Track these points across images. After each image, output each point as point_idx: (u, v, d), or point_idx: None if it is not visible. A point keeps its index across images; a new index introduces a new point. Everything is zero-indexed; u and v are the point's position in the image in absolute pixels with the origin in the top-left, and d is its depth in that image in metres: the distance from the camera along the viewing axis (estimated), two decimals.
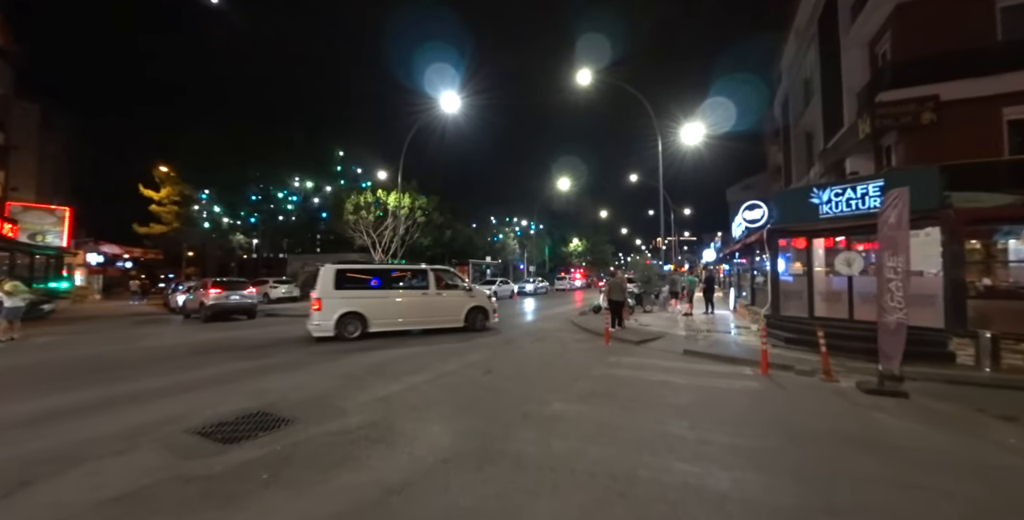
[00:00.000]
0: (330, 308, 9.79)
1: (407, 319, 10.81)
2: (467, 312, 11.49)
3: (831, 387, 5.81)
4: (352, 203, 23.78)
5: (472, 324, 11.52)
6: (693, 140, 16.63)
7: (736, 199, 60.01)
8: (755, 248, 11.79)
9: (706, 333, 10.45)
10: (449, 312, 11.34)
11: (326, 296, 9.83)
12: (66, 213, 34.29)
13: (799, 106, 22.40)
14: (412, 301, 10.90)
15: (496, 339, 10.39)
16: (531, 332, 11.71)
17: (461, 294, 11.62)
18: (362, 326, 10.16)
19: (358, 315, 10.09)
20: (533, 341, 10.15)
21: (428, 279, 11.18)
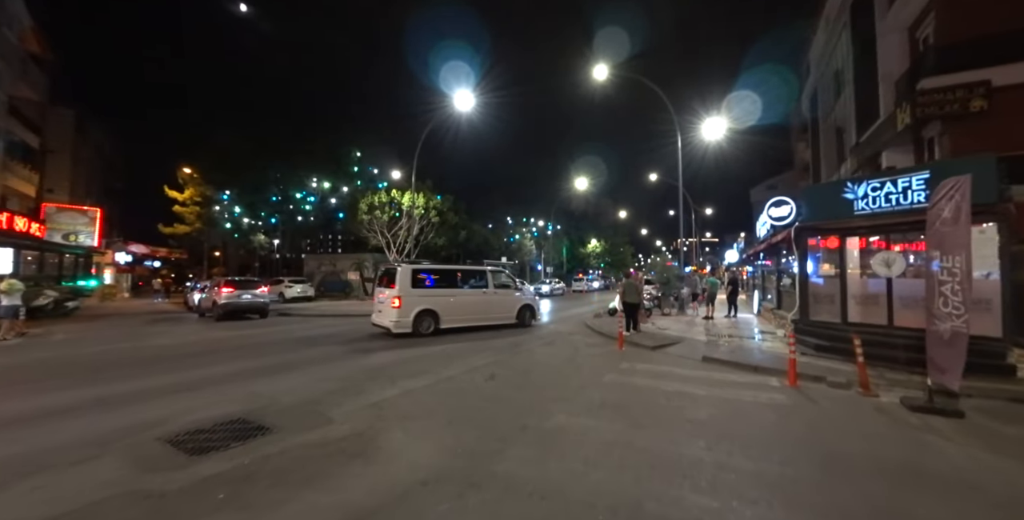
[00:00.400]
0: (408, 306, 10.25)
1: (471, 316, 11.41)
2: (519, 309, 12.41)
3: (870, 403, 5.17)
4: (366, 203, 23.77)
5: (522, 320, 12.41)
6: (715, 135, 15.87)
7: (760, 199, 58.14)
8: (781, 248, 11.05)
9: (728, 338, 9.79)
10: (504, 309, 12.15)
11: (405, 294, 10.26)
12: (97, 214, 35.51)
13: (829, 99, 21.28)
14: (475, 299, 11.57)
15: (503, 342, 9.97)
16: (542, 335, 11.24)
17: (513, 292, 12.50)
18: (435, 323, 10.70)
19: (432, 312, 10.61)
20: (543, 345, 9.69)
21: (487, 279, 11.93)
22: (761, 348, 8.55)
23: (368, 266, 27.29)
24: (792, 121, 34.63)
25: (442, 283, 11.01)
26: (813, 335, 8.16)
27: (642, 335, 10.17)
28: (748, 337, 10.01)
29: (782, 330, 10.11)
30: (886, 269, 7.02)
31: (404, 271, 10.45)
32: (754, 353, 8.02)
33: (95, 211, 35.73)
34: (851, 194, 7.82)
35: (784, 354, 7.61)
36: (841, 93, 19.05)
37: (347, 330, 12.29)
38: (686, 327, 11.97)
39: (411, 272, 10.51)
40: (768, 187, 57.41)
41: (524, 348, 9.19)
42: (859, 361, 5.53)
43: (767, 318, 13.34)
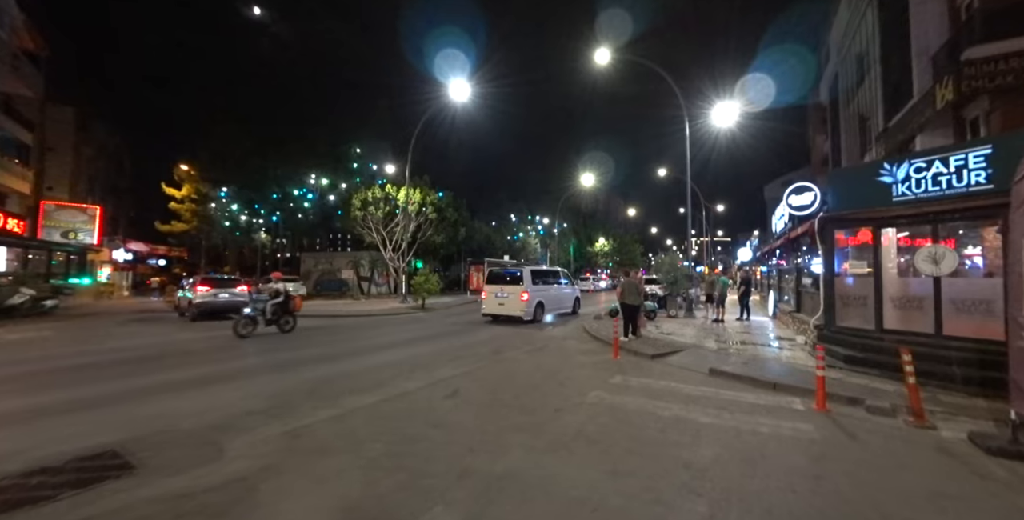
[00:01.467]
0: (531, 299, 12.72)
1: (555, 306, 14.35)
2: (573, 301, 15.76)
3: (928, 439, 3.99)
4: (359, 199, 22.88)
5: (575, 310, 15.69)
6: (728, 122, 14.61)
7: (775, 196, 56.18)
8: (802, 243, 9.80)
9: (740, 346, 8.58)
10: (567, 302, 15.30)
11: (530, 290, 12.75)
12: (97, 212, 35.26)
13: (851, 85, 19.80)
14: (558, 293, 14.66)
15: (486, 348, 8.91)
16: (531, 339, 10.15)
17: (570, 288, 15.93)
18: (542, 311, 13.24)
19: (541, 303, 13.13)
20: (530, 351, 8.60)
21: (560, 277, 15.31)
22: (779, 358, 7.34)
23: (365, 264, 26.46)
24: (809, 112, 32.94)
25: (542, 281, 13.78)
26: (841, 344, 6.94)
27: (642, 341, 9.02)
28: (763, 344, 8.79)
29: (803, 336, 8.87)
30: (932, 266, 5.80)
31: (527, 271, 13.06)
32: (771, 365, 6.82)
33: (95, 209, 35.46)
34: (889, 177, 6.59)
35: (807, 367, 6.41)
36: (865, 77, 17.58)
37: (320, 333, 11.36)
38: (693, 332, 10.76)
39: (531, 272, 13.20)
40: (783, 183, 55.44)
41: (506, 355, 8.11)
42: (909, 382, 4.33)
43: (784, 322, 12.05)
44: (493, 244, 33.25)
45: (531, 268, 13.39)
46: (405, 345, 9.40)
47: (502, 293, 12.86)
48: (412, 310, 17.89)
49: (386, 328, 12.44)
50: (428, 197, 24.66)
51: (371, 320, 14.69)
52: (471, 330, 12.01)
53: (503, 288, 12.90)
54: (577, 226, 55.11)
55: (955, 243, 6.61)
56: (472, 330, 12.02)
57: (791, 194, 8.79)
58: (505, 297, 12.82)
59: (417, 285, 18.19)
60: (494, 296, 13.05)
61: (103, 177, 41.47)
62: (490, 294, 13.18)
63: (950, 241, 6.58)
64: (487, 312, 13.24)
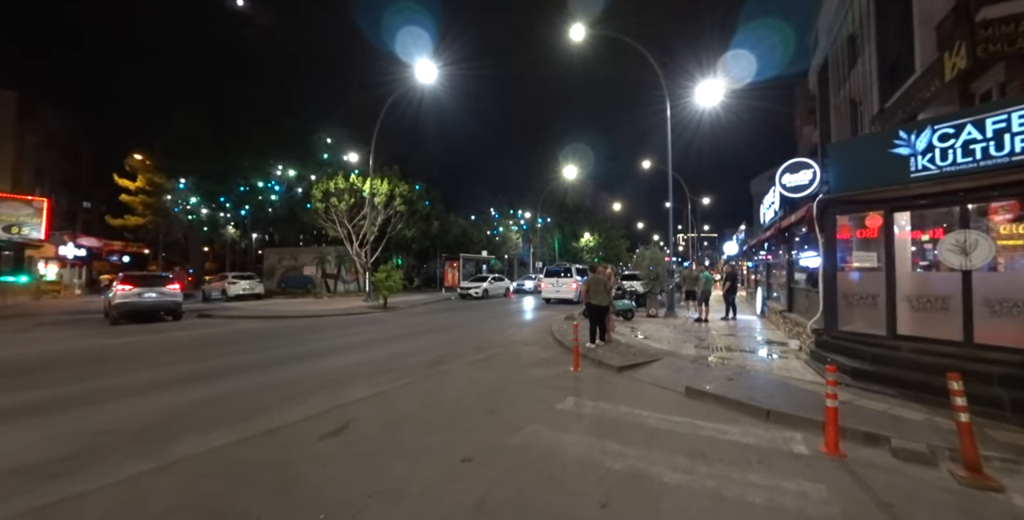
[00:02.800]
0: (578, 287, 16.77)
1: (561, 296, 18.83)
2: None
3: (997, 510, 2.70)
4: (320, 189, 21.21)
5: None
6: (711, 102, 13.38)
7: (761, 190, 55.63)
8: (796, 232, 8.57)
9: (724, 354, 7.31)
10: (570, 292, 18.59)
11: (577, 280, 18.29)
12: (44, 205, 32.85)
13: (841, 70, 18.71)
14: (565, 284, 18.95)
15: (427, 357, 7.51)
16: (486, 345, 8.77)
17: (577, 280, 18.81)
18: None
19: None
20: (475, 361, 7.22)
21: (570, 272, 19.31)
22: (771, 371, 6.07)
23: (331, 260, 24.77)
24: (797, 101, 32.01)
25: (581, 275, 18.41)
26: (846, 353, 5.69)
27: (611, 348, 7.69)
28: (751, 351, 7.53)
29: (797, 341, 7.64)
30: (961, 257, 4.57)
31: (574, 268, 19.65)
32: (762, 382, 5.53)
33: (42, 202, 33.02)
34: (906, 148, 5.32)
35: (807, 384, 5.13)
36: (858, 59, 16.47)
37: (243, 338, 9.83)
38: (672, 334, 9.49)
39: (575, 268, 19.64)
40: (769, 177, 54.88)
41: (446, 367, 6.71)
42: (961, 421, 3.03)
43: (774, 322, 10.87)
44: (470, 239, 31.72)
45: (577, 266, 19.72)
46: (333, 353, 7.94)
47: (557, 283, 18.74)
48: (372, 310, 16.38)
49: (328, 332, 10.94)
50: (397, 188, 23.07)
51: (319, 322, 13.16)
52: (423, 333, 10.60)
53: (558, 280, 18.96)
54: (562, 221, 53.85)
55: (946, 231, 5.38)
56: (424, 333, 10.61)
57: (784, 172, 7.50)
58: (559, 286, 18.75)
59: (378, 282, 16.67)
60: (551, 285, 19.00)
61: (55, 168, 38.91)
62: (548, 284, 19.21)
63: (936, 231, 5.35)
64: (546, 296, 19.15)
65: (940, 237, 5.24)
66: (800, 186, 7.02)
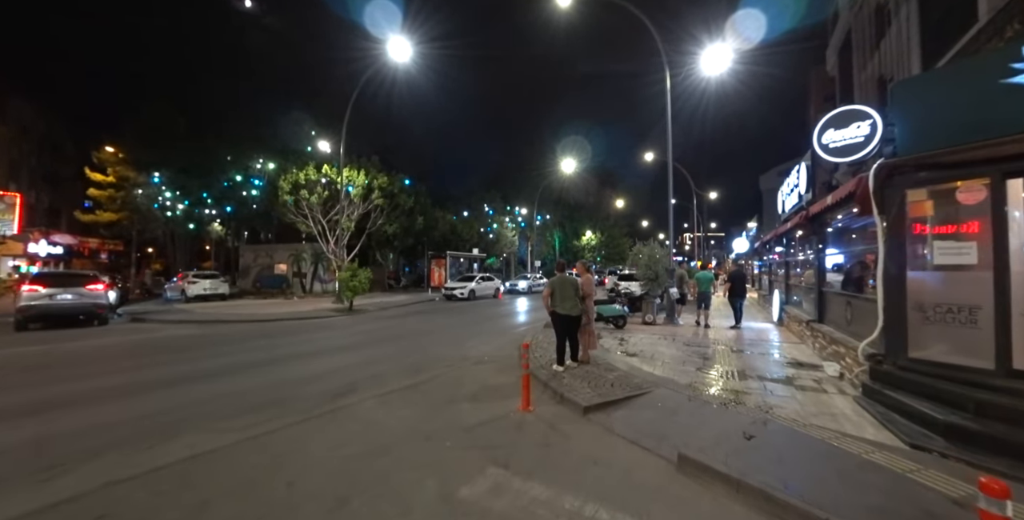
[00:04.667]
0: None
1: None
2: None
3: None
4: (289, 181, 19.42)
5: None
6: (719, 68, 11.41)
7: (771, 186, 53.17)
8: (829, 218, 6.57)
9: (736, 383, 5.36)
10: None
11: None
12: (16, 200, 31.53)
13: (867, 44, 16.59)
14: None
15: (339, 382, 5.64)
16: (430, 363, 6.88)
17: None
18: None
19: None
20: (396, 390, 5.34)
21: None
22: (808, 416, 4.10)
23: (306, 259, 23.04)
24: (811, 89, 29.79)
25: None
26: (926, 394, 3.73)
27: (584, 373, 5.76)
28: (774, 378, 5.56)
29: (834, 365, 5.65)
30: None
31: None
32: (801, 447, 3.56)
33: (14, 197, 31.69)
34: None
35: (870, 449, 3.14)
36: (889, 27, 14.38)
37: (148, 349, 8.03)
38: (670, 349, 7.53)
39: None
40: (779, 173, 52.40)
41: (344, 403, 4.83)
42: None
43: (796, 333, 8.87)
44: (460, 236, 29.83)
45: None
46: (221, 375, 6.08)
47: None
48: (335, 313, 14.56)
49: (256, 342, 9.12)
50: (376, 180, 21.22)
51: (261, 328, 11.35)
52: (367, 344, 8.75)
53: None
54: (562, 218, 51.84)
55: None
56: (369, 344, 8.76)
57: (826, 128, 5.40)
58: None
59: (342, 282, 14.85)
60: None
61: (34, 163, 37.59)
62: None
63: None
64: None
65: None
66: (851, 146, 4.97)
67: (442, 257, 24.39)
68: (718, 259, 68.00)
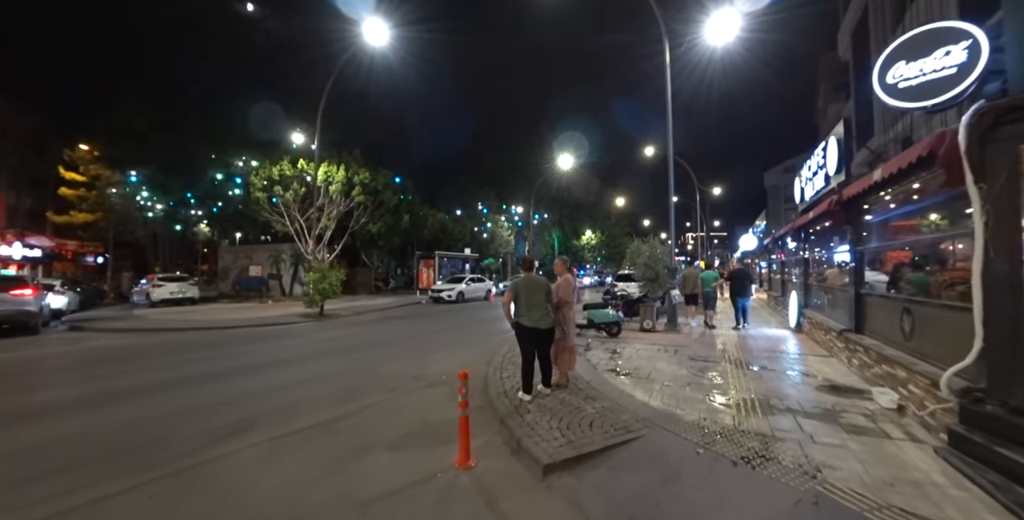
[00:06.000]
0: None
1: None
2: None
3: None
4: (261, 177, 18.12)
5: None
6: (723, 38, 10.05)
7: (776, 183, 51.53)
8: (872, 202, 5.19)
9: (760, 419, 3.99)
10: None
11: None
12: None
13: (887, 18, 15.19)
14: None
15: (235, 414, 4.30)
16: (371, 385, 5.54)
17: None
18: None
19: None
20: (303, 430, 4.00)
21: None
22: (880, 485, 2.73)
23: (286, 260, 21.75)
24: (821, 77, 28.30)
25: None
26: None
27: (557, 404, 4.38)
28: (810, 413, 4.18)
29: (890, 395, 4.25)
30: None
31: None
32: None
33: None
34: None
35: None
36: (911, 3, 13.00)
37: (54, 366, 6.70)
38: (671, 365, 6.15)
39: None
40: (785, 170, 50.75)
41: (225, 450, 3.48)
42: None
43: (821, 343, 7.47)
44: (451, 235, 28.48)
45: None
46: (76, 409, 4.74)
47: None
48: (303, 319, 13.25)
49: (183, 355, 7.81)
50: (358, 176, 19.91)
51: (210, 337, 10.06)
52: (315, 358, 7.43)
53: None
54: (561, 218, 50.46)
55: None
56: (317, 358, 7.44)
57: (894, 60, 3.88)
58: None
59: (312, 283, 13.53)
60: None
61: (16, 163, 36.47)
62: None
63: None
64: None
65: None
66: (934, 83, 3.42)
67: (431, 257, 23.05)
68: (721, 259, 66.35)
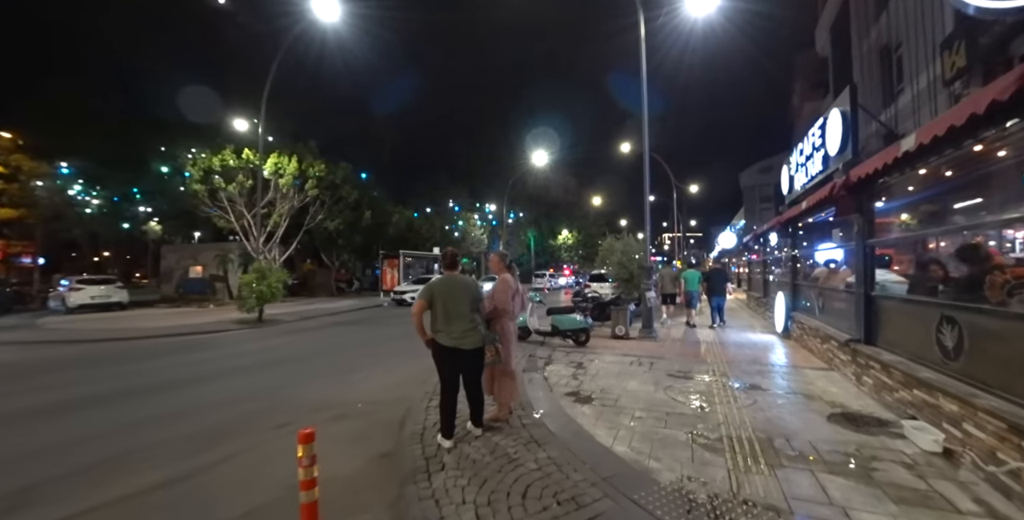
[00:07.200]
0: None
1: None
2: None
3: None
4: (200, 167, 16.30)
5: None
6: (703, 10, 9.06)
7: (752, 183, 51.90)
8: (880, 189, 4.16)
9: (761, 483, 2.83)
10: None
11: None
12: None
13: (867, 15, 14.67)
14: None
15: (17, 480, 2.87)
16: (255, 420, 4.20)
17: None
18: None
19: None
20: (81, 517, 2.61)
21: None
22: None
23: (234, 259, 19.89)
24: (797, 75, 28.07)
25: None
26: None
27: (485, 452, 3.14)
28: (828, 461, 3.08)
29: (927, 429, 3.18)
30: None
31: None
32: None
33: None
34: None
35: None
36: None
37: None
38: (643, 386, 5.00)
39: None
40: (760, 170, 51.16)
41: None
42: None
43: (816, 352, 6.48)
44: (419, 233, 26.96)
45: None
46: None
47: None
48: (238, 326, 11.65)
49: (47, 378, 6.24)
50: (312, 168, 18.27)
51: (113, 350, 8.49)
52: (212, 379, 5.97)
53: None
54: (538, 216, 49.45)
55: None
56: (217, 378, 5.99)
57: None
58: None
59: (245, 286, 11.92)
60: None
61: None
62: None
63: None
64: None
65: None
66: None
67: (395, 257, 21.54)
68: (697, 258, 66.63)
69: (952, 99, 10.06)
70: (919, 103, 11.42)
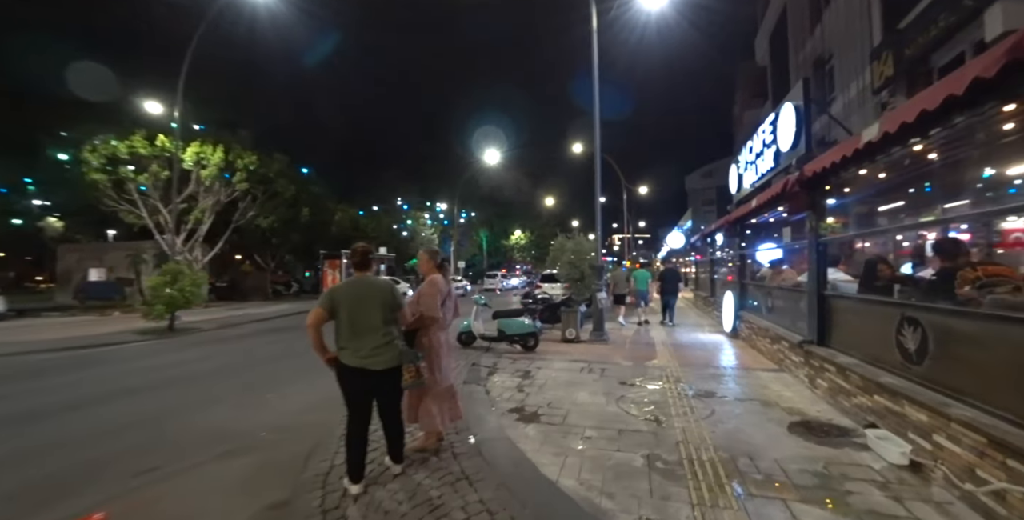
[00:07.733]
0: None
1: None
2: None
3: None
4: (101, 154, 14.26)
5: None
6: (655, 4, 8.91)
7: (697, 186, 54.33)
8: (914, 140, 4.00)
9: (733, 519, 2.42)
10: None
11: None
12: None
13: (803, 26, 15.46)
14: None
15: None
16: (123, 464, 3.30)
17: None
18: None
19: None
20: None
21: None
22: None
23: (149, 260, 17.68)
24: (738, 84, 29.51)
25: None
26: None
27: (402, 496, 2.51)
28: (800, 484, 2.75)
29: (894, 441, 2.95)
30: None
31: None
32: None
33: None
34: None
35: None
36: (827, 5, 13.10)
37: None
38: (594, 397, 4.58)
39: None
40: (704, 174, 53.73)
41: None
42: None
43: (765, 352, 6.40)
44: (364, 232, 25.54)
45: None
46: None
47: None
48: (143, 337, 10.12)
49: None
50: (242, 159, 16.58)
51: None
52: (83, 407, 4.84)
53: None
54: (491, 217, 48.94)
55: None
56: (91, 405, 4.86)
57: None
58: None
59: (154, 290, 10.40)
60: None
61: None
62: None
63: None
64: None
65: None
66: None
67: (336, 257, 20.15)
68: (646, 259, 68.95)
69: (879, 107, 10.69)
70: (850, 111, 12.09)
